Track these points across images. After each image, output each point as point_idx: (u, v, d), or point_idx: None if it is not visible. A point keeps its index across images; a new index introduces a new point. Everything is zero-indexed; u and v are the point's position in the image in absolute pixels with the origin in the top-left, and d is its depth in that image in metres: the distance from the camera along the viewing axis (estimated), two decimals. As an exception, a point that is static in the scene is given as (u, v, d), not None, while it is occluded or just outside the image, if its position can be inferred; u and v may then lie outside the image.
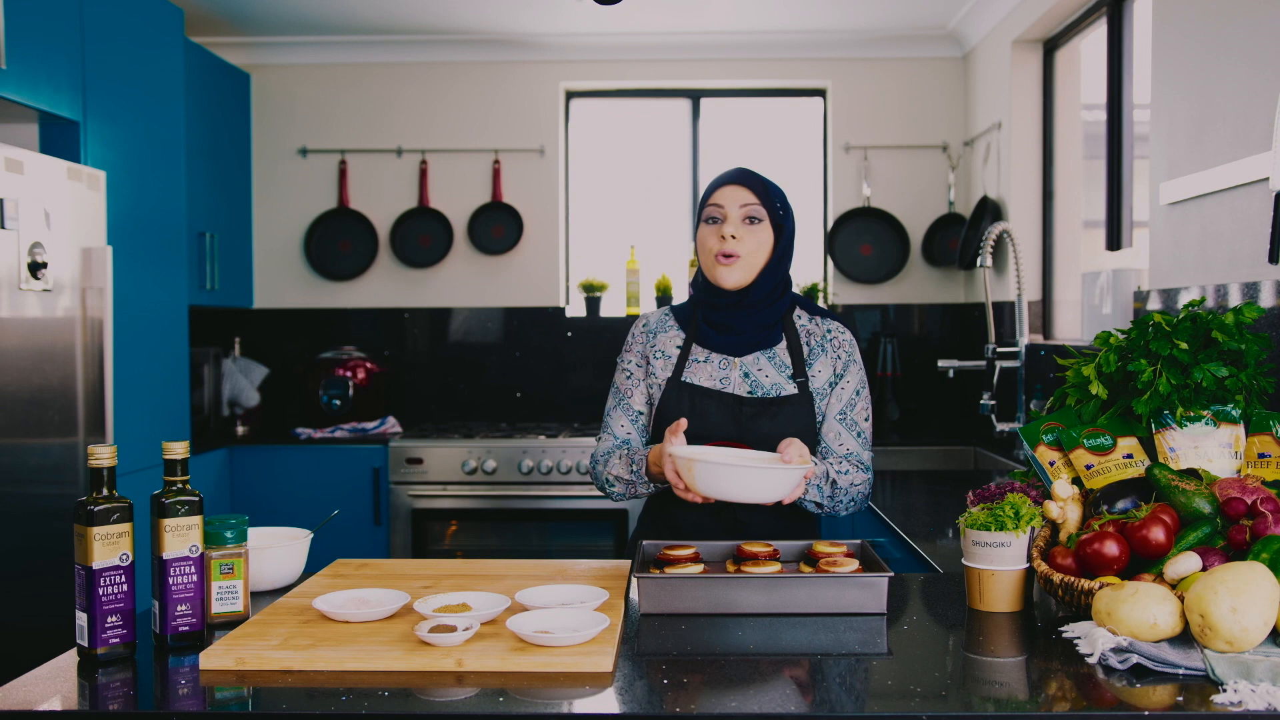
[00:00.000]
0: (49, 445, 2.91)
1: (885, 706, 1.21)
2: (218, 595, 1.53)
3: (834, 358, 2.09)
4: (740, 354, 2.07)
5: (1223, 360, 1.79)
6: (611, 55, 4.85)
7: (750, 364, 2.07)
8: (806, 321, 2.12)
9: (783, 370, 2.06)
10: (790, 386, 2.05)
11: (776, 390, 2.04)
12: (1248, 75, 2.41)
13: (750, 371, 2.06)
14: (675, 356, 2.10)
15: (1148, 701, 1.21)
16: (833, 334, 2.11)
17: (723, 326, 2.07)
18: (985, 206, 4.37)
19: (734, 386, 2.05)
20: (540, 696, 1.25)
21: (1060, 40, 4.02)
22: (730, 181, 2.05)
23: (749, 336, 2.06)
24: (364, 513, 4.27)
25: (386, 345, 4.89)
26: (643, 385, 2.12)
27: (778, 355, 2.08)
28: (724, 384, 2.05)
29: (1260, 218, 2.33)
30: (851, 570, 1.62)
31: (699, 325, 2.10)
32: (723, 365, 2.07)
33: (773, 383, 2.05)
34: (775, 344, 2.08)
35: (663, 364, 2.10)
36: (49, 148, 3.19)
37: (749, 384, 2.05)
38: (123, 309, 3.33)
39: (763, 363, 2.07)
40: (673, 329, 2.14)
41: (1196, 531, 1.54)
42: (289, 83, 4.88)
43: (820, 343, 2.09)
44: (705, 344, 2.09)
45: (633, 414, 2.12)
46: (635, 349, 2.15)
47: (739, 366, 2.07)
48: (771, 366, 2.07)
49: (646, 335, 2.15)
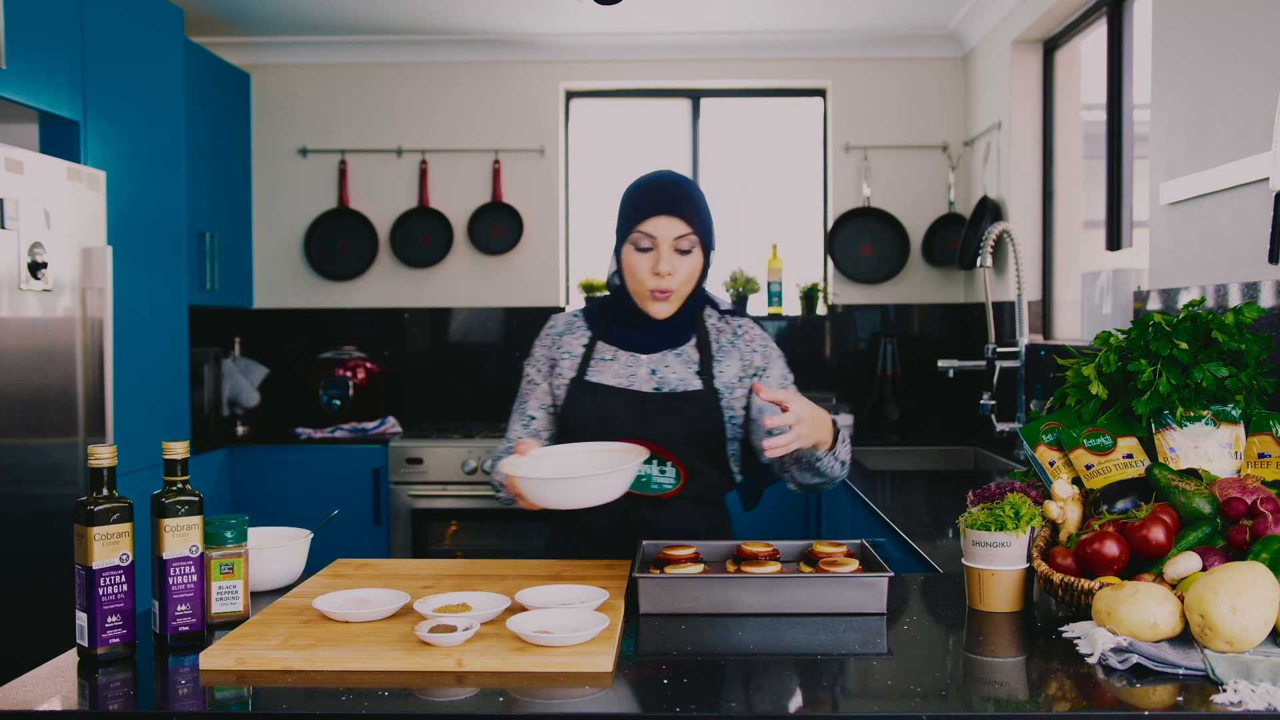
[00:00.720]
0: (49, 445, 2.91)
1: (885, 706, 1.21)
2: (218, 595, 1.53)
3: (746, 352, 2.05)
4: (647, 351, 2.04)
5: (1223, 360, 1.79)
6: (611, 55, 4.85)
7: (657, 361, 2.04)
8: (717, 320, 2.10)
9: (690, 366, 2.03)
10: (696, 382, 2.02)
11: (683, 385, 2.02)
12: (1248, 75, 2.41)
13: (657, 369, 2.03)
14: (581, 355, 2.07)
15: (1148, 701, 1.21)
16: (742, 330, 2.08)
17: (632, 325, 2.04)
18: (985, 206, 4.37)
19: (640, 384, 2.02)
20: (540, 696, 1.25)
21: (1060, 40, 4.02)
22: (664, 213, 1.95)
23: (657, 335, 2.04)
24: (364, 513, 4.27)
25: (386, 345, 4.89)
26: (540, 390, 2.09)
27: (685, 352, 2.05)
28: (630, 381, 2.02)
29: (1260, 218, 2.33)
30: (851, 570, 1.62)
31: (607, 324, 2.07)
32: (629, 363, 2.04)
33: (679, 379, 2.02)
34: (684, 342, 2.05)
35: (569, 364, 2.07)
36: (49, 148, 3.19)
37: (656, 380, 2.02)
38: (123, 309, 3.33)
39: (670, 359, 2.04)
40: (580, 329, 2.11)
41: (1196, 531, 1.54)
42: (289, 83, 4.88)
43: (730, 339, 2.07)
44: (612, 341, 2.06)
45: (525, 419, 2.10)
46: (539, 353, 2.12)
47: (646, 364, 2.04)
48: (679, 363, 2.04)
49: (553, 339, 2.11)
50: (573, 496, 1.70)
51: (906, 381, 4.81)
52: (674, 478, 2.00)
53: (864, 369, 4.86)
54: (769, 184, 5.07)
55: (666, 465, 2.00)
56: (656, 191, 1.97)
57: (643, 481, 2.00)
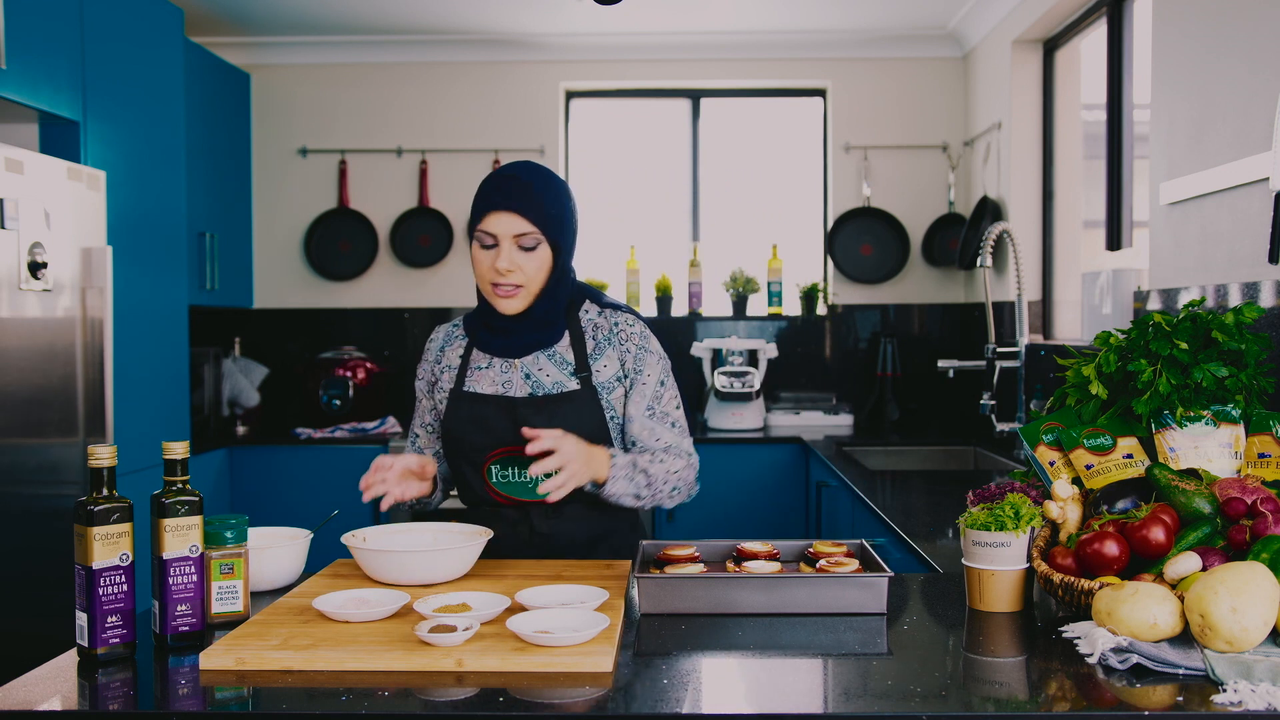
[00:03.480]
0: (49, 445, 2.91)
1: (885, 706, 1.21)
2: (218, 595, 1.53)
3: (622, 351, 1.99)
4: (519, 355, 1.98)
5: (1223, 360, 1.79)
6: (611, 55, 4.85)
7: (530, 364, 1.98)
8: (595, 315, 2.03)
9: (564, 367, 1.98)
10: (572, 383, 1.97)
11: (558, 388, 1.96)
12: (1248, 75, 2.41)
13: (531, 372, 1.98)
14: (458, 366, 2.03)
15: (1148, 701, 1.21)
16: (620, 326, 2.00)
17: (499, 330, 1.98)
18: (985, 206, 4.37)
19: (515, 389, 1.97)
20: (540, 696, 1.25)
21: (1060, 40, 4.02)
22: (502, 208, 1.89)
23: (525, 337, 1.98)
24: (364, 513, 4.27)
25: (386, 345, 4.89)
26: (422, 407, 2.09)
27: (558, 353, 1.99)
28: (506, 388, 1.97)
29: (1260, 218, 2.33)
30: (851, 570, 1.62)
31: (478, 331, 2.01)
32: (504, 369, 1.99)
33: (554, 381, 1.97)
34: (556, 341, 1.99)
35: (449, 376, 2.03)
36: (49, 148, 3.19)
37: (530, 385, 1.97)
38: (123, 309, 3.33)
39: (543, 361, 1.98)
40: (458, 339, 2.06)
41: (1196, 531, 1.54)
42: (289, 83, 4.88)
43: (608, 336, 2.00)
44: (484, 349, 2.00)
45: (413, 437, 2.13)
46: (422, 369, 2.09)
47: (520, 368, 1.98)
48: (552, 364, 1.98)
49: (434, 354, 2.07)
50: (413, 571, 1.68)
51: (906, 381, 4.81)
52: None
53: (864, 369, 4.86)
54: (769, 184, 5.07)
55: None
56: (498, 187, 1.92)
57: (528, 487, 1.95)
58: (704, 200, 5.03)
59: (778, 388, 4.85)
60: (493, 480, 1.98)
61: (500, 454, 1.95)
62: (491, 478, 1.97)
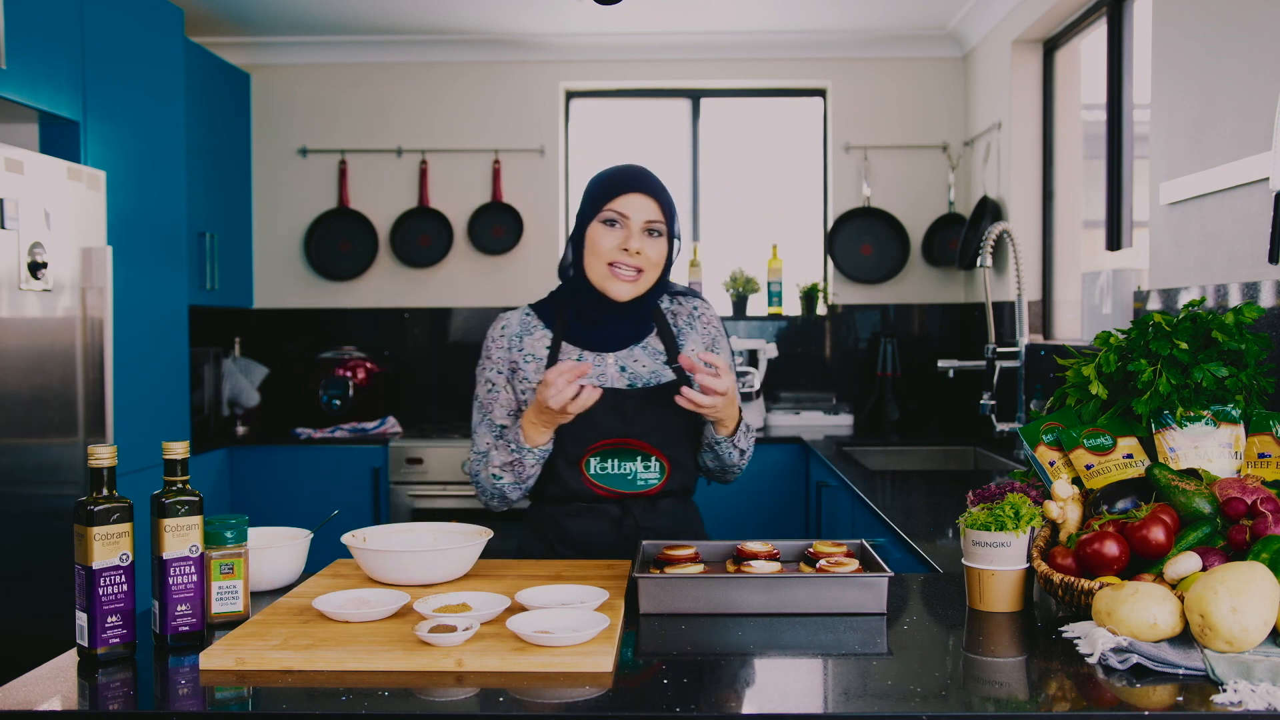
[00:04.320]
0: (49, 445, 2.91)
1: (885, 706, 1.21)
2: (218, 595, 1.53)
3: (704, 334, 2.05)
4: (614, 349, 2.00)
5: (1223, 360, 1.79)
6: (611, 55, 4.85)
7: (625, 357, 2.00)
8: (669, 303, 2.07)
9: (657, 357, 2.01)
10: (667, 372, 1.99)
11: (656, 378, 1.98)
12: (1248, 75, 2.41)
13: (626, 364, 1.99)
14: (545, 357, 2.01)
15: (1148, 701, 1.21)
16: (699, 310, 2.07)
17: (596, 322, 1.99)
18: (985, 206, 4.37)
19: (612, 380, 1.98)
20: (540, 696, 1.25)
21: (1060, 40, 4.02)
22: (637, 190, 1.93)
23: (622, 330, 1.99)
24: (364, 513, 4.27)
25: (386, 345, 4.89)
26: (504, 395, 2.03)
27: (650, 344, 2.02)
28: (601, 380, 1.98)
29: (1260, 218, 2.33)
30: (851, 570, 1.62)
31: (569, 322, 2.02)
32: (597, 362, 2.00)
33: (650, 371, 1.99)
34: (646, 334, 2.02)
35: (534, 366, 2.00)
36: (49, 148, 3.19)
37: (627, 377, 1.99)
38: (123, 309, 3.33)
39: (636, 353, 2.00)
40: (539, 329, 2.04)
41: (1196, 531, 1.54)
42: (289, 83, 4.88)
43: (688, 320, 2.05)
44: (576, 341, 2.01)
45: (496, 429, 2.04)
46: (495, 356, 2.04)
47: (614, 361, 2.00)
48: (646, 355, 2.00)
49: (509, 340, 2.04)
50: (414, 571, 1.68)
51: (906, 381, 4.81)
52: (659, 472, 1.98)
53: (864, 369, 4.86)
54: (769, 184, 5.07)
55: (651, 460, 1.97)
56: (629, 173, 1.98)
57: (628, 479, 1.98)
58: (704, 200, 5.03)
59: (778, 388, 4.85)
60: (590, 472, 1.98)
61: (600, 446, 1.96)
62: (589, 470, 1.98)
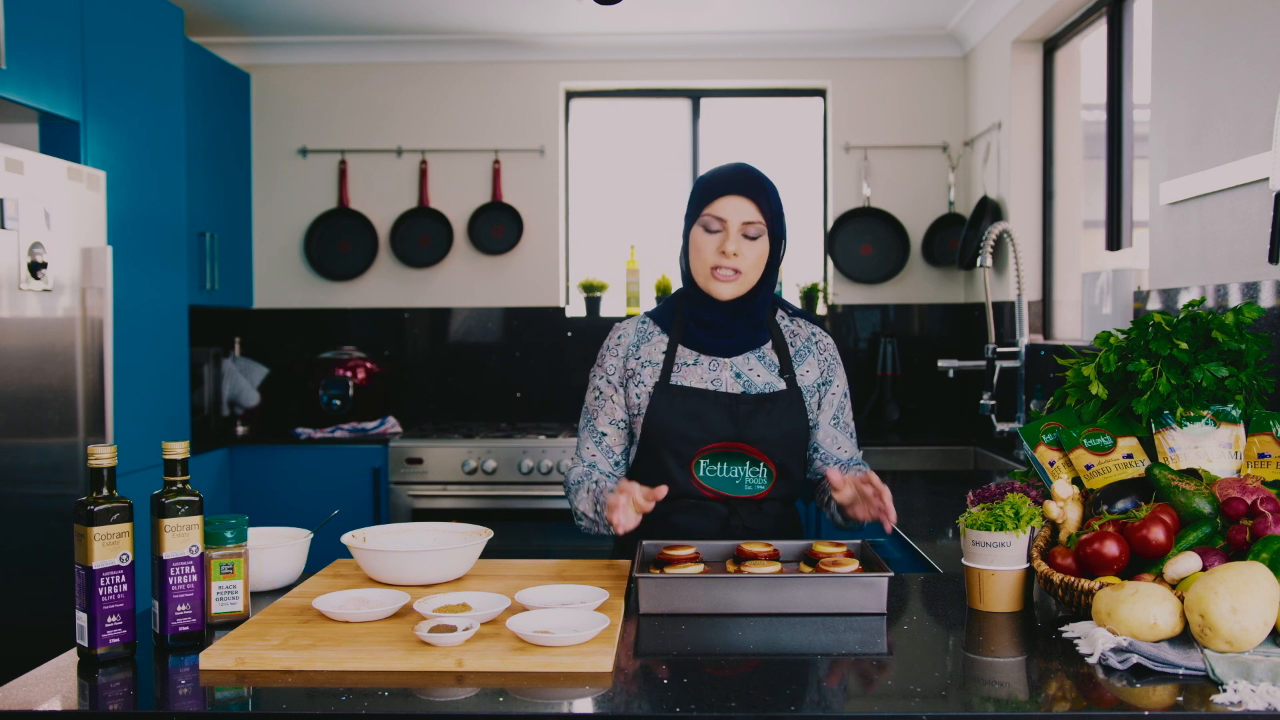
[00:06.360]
0: (49, 445, 2.91)
1: (885, 706, 1.21)
2: (218, 595, 1.53)
3: (821, 360, 2.09)
4: (731, 354, 2.05)
5: (1223, 360, 1.79)
6: (611, 55, 4.85)
7: (741, 364, 2.05)
8: (789, 322, 2.12)
9: (772, 369, 2.05)
10: (780, 383, 2.04)
11: (770, 387, 2.03)
12: (1248, 75, 2.41)
13: (741, 371, 2.04)
14: (661, 362, 2.05)
15: (1148, 701, 1.21)
16: (817, 338, 2.12)
17: (714, 327, 2.04)
18: (985, 206, 4.37)
19: (726, 386, 2.03)
20: (540, 696, 1.25)
21: (1060, 40, 4.02)
22: (734, 193, 1.97)
23: (740, 336, 2.05)
24: (364, 513, 4.27)
25: (386, 345, 4.89)
26: (611, 403, 2.07)
27: (766, 354, 2.07)
28: (716, 384, 2.03)
29: (1260, 218, 2.33)
30: (851, 570, 1.62)
31: (687, 326, 2.07)
32: (713, 366, 2.04)
33: (765, 380, 2.04)
34: (763, 343, 2.07)
35: (651, 372, 2.05)
36: (49, 148, 3.19)
37: (742, 383, 2.03)
38: (123, 309, 3.33)
39: (753, 362, 2.05)
40: (655, 335, 2.09)
41: (1196, 531, 1.54)
42: (289, 83, 4.88)
43: (806, 344, 2.10)
44: (694, 346, 2.05)
45: (597, 435, 2.07)
46: (608, 364, 2.08)
47: (729, 367, 2.04)
48: (761, 365, 2.05)
49: (627, 350, 2.08)
50: (414, 570, 1.68)
51: (906, 381, 4.81)
52: (766, 478, 2.02)
53: (864, 369, 4.86)
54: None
55: (760, 465, 2.01)
56: (729, 175, 2.01)
57: (735, 483, 2.01)
58: (704, 200, 5.02)
59: (778, 388, 4.84)
60: (700, 474, 2.01)
61: (711, 449, 2.00)
62: (699, 471, 2.01)
